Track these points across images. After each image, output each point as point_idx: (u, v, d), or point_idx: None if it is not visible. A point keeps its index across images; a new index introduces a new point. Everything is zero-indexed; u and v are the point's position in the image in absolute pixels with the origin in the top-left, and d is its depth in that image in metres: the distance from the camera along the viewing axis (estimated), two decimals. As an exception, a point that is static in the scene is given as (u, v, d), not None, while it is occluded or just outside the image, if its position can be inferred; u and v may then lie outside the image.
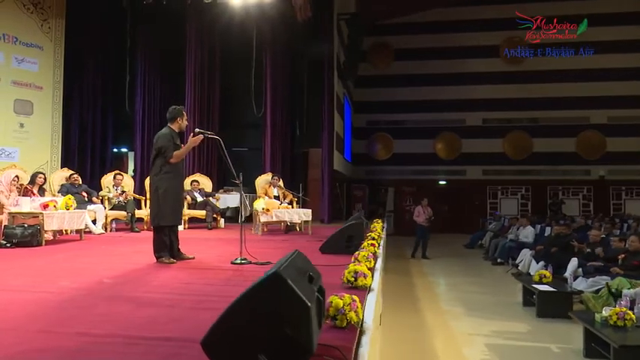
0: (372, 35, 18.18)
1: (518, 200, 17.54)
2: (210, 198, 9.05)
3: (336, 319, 2.33)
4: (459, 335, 5.17)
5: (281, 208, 7.76)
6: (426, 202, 11.58)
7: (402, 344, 4.90)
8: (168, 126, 4.59)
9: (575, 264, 6.87)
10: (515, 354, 4.60)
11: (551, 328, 5.40)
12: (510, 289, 7.28)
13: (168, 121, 4.61)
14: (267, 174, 9.03)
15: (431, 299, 6.90)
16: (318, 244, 5.59)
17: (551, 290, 5.84)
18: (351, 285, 3.35)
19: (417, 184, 17.57)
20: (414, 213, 11.53)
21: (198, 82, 10.38)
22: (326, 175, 11.12)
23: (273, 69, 10.65)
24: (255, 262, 4.55)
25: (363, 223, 5.63)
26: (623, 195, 16.93)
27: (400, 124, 18.12)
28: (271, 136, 10.57)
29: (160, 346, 2.16)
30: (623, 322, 4.06)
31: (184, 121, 4.62)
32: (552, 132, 17.12)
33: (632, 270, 5.75)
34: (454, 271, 9.63)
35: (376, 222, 8.89)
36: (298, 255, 2.18)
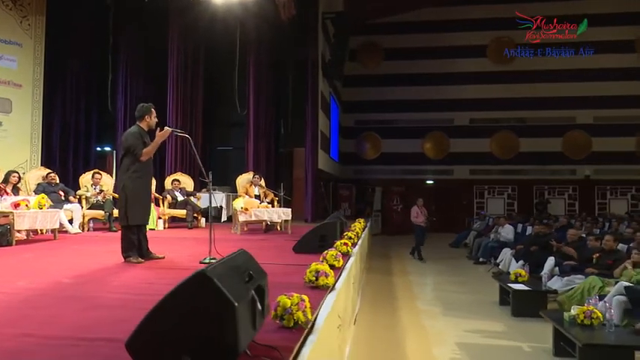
0: (361, 35, 18.19)
1: (504, 200, 17.62)
2: (191, 197, 8.99)
3: (283, 319, 2.31)
4: (432, 334, 5.16)
5: (260, 207, 7.71)
6: (422, 202, 11.30)
7: (373, 343, 4.88)
8: (137, 124, 4.54)
9: (552, 263, 6.90)
10: (486, 353, 4.60)
11: (525, 327, 5.41)
12: (489, 289, 7.28)
13: (137, 119, 4.57)
14: (248, 173, 9.00)
15: (409, 298, 6.89)
16: (294, 243, 5.55)
17: (526, 289, 5.85)
18: (312, 284, 3.33)
19: (405, 184, 17.59)
20: (412, 214, 11.12)
21: (181, 81, 10.33)
22: (310, 175, 11.09)
23: (257, 68, 10.62)
24: (225, 262, 4.51)
25: (338, 222, 5.59)
26: (607, 194, 17.07)
27: (389, 123, 18.13)
28: (254, 135, 10.53)
29: (101, 347, 2.13)
30: (589, 321, 4.07)
31: (153, 119, 4.56)
32: (539, 132, 17.23)
33: (606, 269, 5.77)
34: (436, 270, 9.64)
35: (358, 222, 8.89)
36: (241, 254, 2.15)
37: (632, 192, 16.96)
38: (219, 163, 12.18)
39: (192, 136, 10.90)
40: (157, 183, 9.21)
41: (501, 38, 17.60)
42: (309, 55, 11.30)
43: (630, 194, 16.98)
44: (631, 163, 16.71)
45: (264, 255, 5.37)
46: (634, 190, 16.95)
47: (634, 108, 16.61)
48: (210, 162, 11.81)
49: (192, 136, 10.77)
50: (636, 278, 5.20)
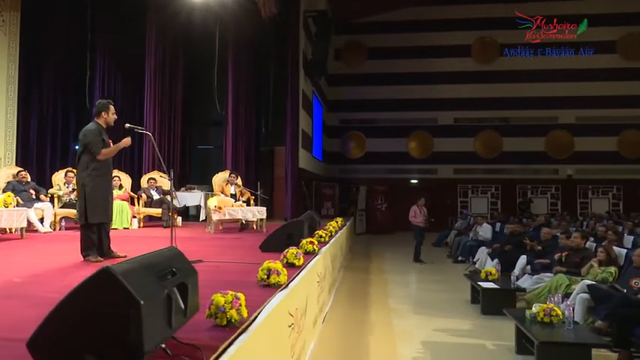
0: (345, 34, 18.19)
1: (488, 199, 17.71)
2: (168, 196, 8.90)
3: (216, 318, 2.27)
4: (398, 333, 5.14)
5: (235, 206, 7.66)
6: (423, 201, 10.67)
7: (339, 341, 4.85)
8: (95, 121, 4.47)
9: (524, 261, 6.95)
10: (449, 351, 4.59)
11: (492, 325, 5.41)
12: (464, 287, 7.27)
13: (94, 115, 4.50)
14: (224, 172, 8.93)
15: (382, 297, 6.87)
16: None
17: (495, 288, 5.86)
18: (264, 283, 3.30)
19: (389, 183, 17.61)
20: (410, 213, 10.45)
21: (159, 78, 10.21)
22: (290, 174, 11.04)
23: (236, 66, 10.54)
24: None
25: (304, 221, 5.55)
26: (589, 194, 17.22)
27: (373, 122, 18.15)
28: (233, 133, 10.46)
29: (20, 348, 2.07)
30: (549, 319, 4.08)
31: (111, 116, 4.49)
32: (522, 131, 17.33)
33: (574, 267, 5.80)
34: (415, 269, 9.65)
35: (335, 221, 8.87)
36: (167, 251, 2.11)
37: (614, 191, 17.13)
38: (199, 162, 12.11)
39: (170, 134, 10.89)
40: (132, 181, 9.14)
41: (485, 38, 17.69)
42: (289, 54, 11.24)
43: (611, 193, 17.14)
44: (612, 162, 16.88)
45: (230, 253, 5.34)
46: (615, 190, 17.12)
47: (615, 108, 16.77)
48: (190, 161, 11.74)
49: (171, 135, 10.79)
50: (601, 276, 5.24)
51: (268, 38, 11.48)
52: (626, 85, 16.69)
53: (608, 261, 5.35)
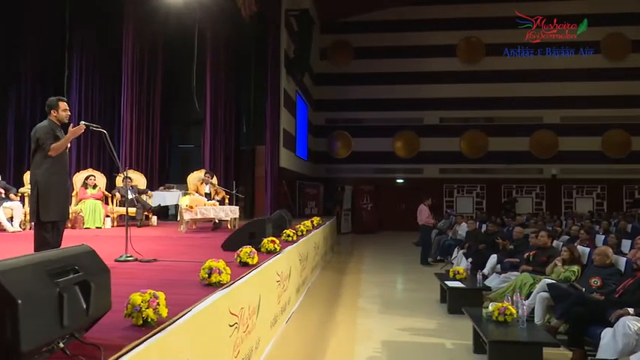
0: (331, 33, 18.20)
1: (473, 199, 17.74)
2: (143, 195, 8.85)
3: (133, 317, 2.23)
4: (360, 332, 5.12)
5: (207, 205, 7.61)
6: (430, 200, 10.33)
7: (298, 341, 4.81)
8: (48, 118, 4.41)
9: (494, 261, 6.95)
10: (407, 350, 4.57)
11: (457, 324, 5.39)
12: (436, 287, 7.26)
13: (47, 113, 4.43)
14: (199, 171, 8.87)
15: (353, 296, 6.85)
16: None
17: (461, 287, 5.85)
18: (206, 282, 3.26)
19: (375, 183, 17.61)
20: (423, 214, 10.11)
21: (136, 77, 10.13)
22: (269, 173, 11.01)
23: (215, 64, 10.49)
24: (140, 260, 4.42)
25: (266, 220, 5.51)
26: (574, 193, 17.29)
27: (359, 122, 18.15)
28: (212, 133, 10.41)
29: None
30: (503, 318, 4.06)
31: (61, 112, 4.41)
32: (507, 131, 17.38)
33: (540, 266, 5.80)
34: (393, 269, 9.64)
35: (311, 220, 8.83)
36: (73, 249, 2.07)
37: (598, 191, 17.20)
38: (180, 161, 12.04)
39: (149, 133, 10.80)
40: (107, 181, 9.07)
41: (470, 38, 17.72)
42: (269, 53, 11.20)
43: (595, 193, 17.22)
44: (596, 162, 16.96)
45: (192, 253, 5.30)
46: (599, 190, 17.20)
47: (599, 108, 16.85)
48: (170, 160, 11.67)
49: (150, 134, 10.70)
50: (564, 275, 5.24)
51: (249, 37, 11.44)
52: (610, 86, 16.77)
53: (571, 260, 5.34)
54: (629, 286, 4.15)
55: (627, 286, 4.17)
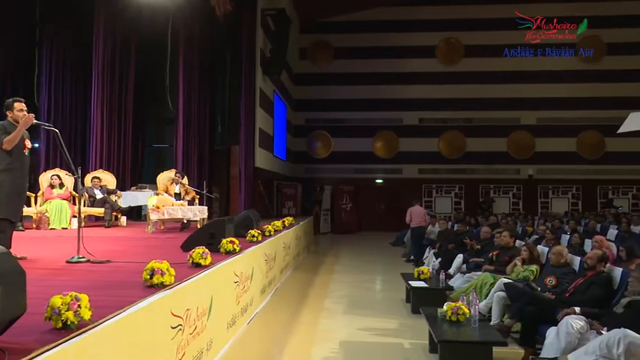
0: (311, 33, 18.18)
1: (452, 199, 17.88)
2: (112, 195, 8.72)
3: (52, 320, 2.18)
4: (321, 332, 5.11)
5: (175, 205, 7.53)
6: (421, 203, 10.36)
7: (256, 344, 4.78)
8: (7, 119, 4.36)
9: (460, 260, 7.00)
10: (363, 350, 4.57)
11: (418, 324, 5.38)
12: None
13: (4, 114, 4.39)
14: (170, 171, 8.78)
15: (320, 297, 6.84)
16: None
17: (424, 287, 5.88)
18: (148, 283, 3.21)
19: (355, 183, 17.65)
20: (419, 216, 10.30)
21: (108, 75, 9.97)
22: (244, 173, 10.95)
23: (188, 63, 10.39)
24: (93, 261, 4.35)
25: (226, 220, 5.47)
26: (550, 193, 17.53)
27: (339, 122, 18.17)
28: (184, 132, 10.31)
29: None
30: (456, 317, 4.09)
31: (17, 112, 4.35)
32: (485, 132, 17.54)
33: (503, 266, 5.85)
34: (365, 269, 9.64)
35: (283, 220, 8.81)
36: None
37: (573, 191, 17.47)
38: (153, 161, 11.90)
39: (121, 132, 10.65)
40: (75, 181, 8.91)
41: (449, 39, 17.86)
42: (243, 52, 11.13)
43: (571, 193, 17.49)
44: (571, 163, 17.22)
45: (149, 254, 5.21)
46: (574, 190, 17.46)
47: (575, 109, 17.10)
48: (143, 159, 11.52)
49: (122, 133, 10.56)
50: (523, 275, 5.29)
51: (223, 36, 11.35)
52: (585, 88, 17.04)
53: (531, 259, 5.40)
54: (580, 285, 4.21)
55: (578, 285, 4.22)
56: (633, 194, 17.16)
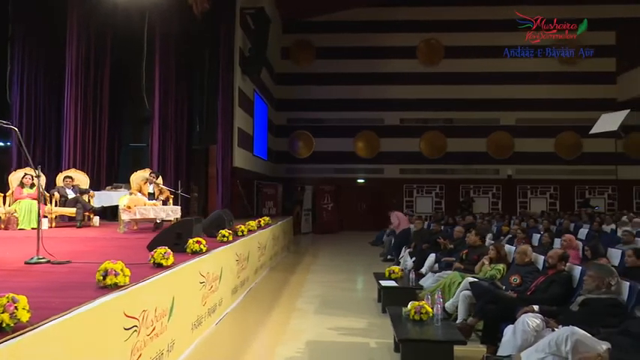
0: (293, 32, 18.16)
1: (432, 198, 18.01)
2: (85, 195, 8.59)
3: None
4: (289, 332, 5.09)
5: (148, 205, 7.45)
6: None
7: (222, 344, 4.75)
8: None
9: (433, 260, 7.04)
10: (329, 350, 4.56)
11: (387, 323, 5.36)
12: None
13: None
14: (144, 170, 8.67)
15: (293, 296, 6.82)
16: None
17: (394, 286, 5.90)
18: (101, 284, 3.17)
19: (336, 183, 17.66)
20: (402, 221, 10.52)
21: (82, 73, 9.82)
22: (221, 172, 10.88)
23: (164, 61, 10.27)
24: (53, 262, 4.27)
25: (192, 220, 5.41)
26: (528, 193, 17.76)
27: (321, 122, 18.17)
28: (161, 131, 10.19)
29: None
30: (419, 316, 4.11)
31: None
32: (465, 132, 17.70)
33: (472, 264, 5.90)
34: (343, 268, 9.64)
35: (259, 220, 8.78)
36: None
37: (551, 191, 17.73)
38: (130, 160, 11.74)
39: (96, 131, 10.49)
40: (47, 180, 8.76)
41: (430, 40, 17.98)
42: (221, 51, 11.06)
43: (549, 193, 17.74)
44: (550, 163, 17.47)
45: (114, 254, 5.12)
46: (552, 190, 17.72)
47: (553, 111, 17.35)
48: (119, 159, 11.37)
49: (97, 132, 10.40)
50: (490, 273, 5.34)
51: (201, 34, 11.26)
52: (563, 89, 17.30)
53: (498, 258, 5.46)
54: (541, 283, 4.26)
55: (539, 283, 4.28)
56: (609, 194, 17.49)
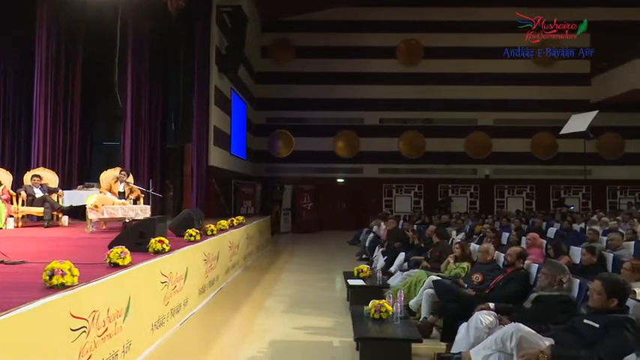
0: (273, 31, 18.10)
1: (411, 198, 18.12)
2: (53, 194, 8.42)
3: None
4: (254, 332, 5.06)
5: (116, 204, 7.34)
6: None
7: (185, 345, 4.70)
8: None
9: (402, 258, 7.08)
10: (292, 349, 4.55)
11: (354, 322, 5.42)
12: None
13: None
14: (114, 169, 8.54)
15: (262, 296, 6.79)
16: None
17: (361, 285, 5.91)
18: (48, 284, 3.10)
19: (316, 182, 17.65)
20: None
21: (52, 68, 9.60)
22: (196, 171, 10.78)
23: (137, 58, 10.14)
24: (6, 262, 4.18)
25: (156, 220, 5.35)
26: (505, 193, 18.00)
27: (300, 121, 18.14)
28: (133, 129, 10.06)
29: None
30: (379, 315, 4.12)
31: None
32: (444, 132, 17.85)
33: (436, 262, 5.95)
34: (317, 267, 9.64)
35: (232, 219, 8.73)
36: None
37: (527, 191, 17.99)
38: (103, 159, 11.56)
39: (67, 129, 10.30)
40: (14, 178, 8.57)
41: (409, 40, 18.09)
42: (197, 49, 10.96)
43: (525, 193, 18.01)
44: (526, 163, 17.73)
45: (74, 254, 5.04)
46: (529, 189, 17.99)
47: (529, 111, 17.60)
48: (92, 157, 11.20)
49: (68, 130, 10.22)
50: (455, 272, 5.39)
51: (176, 32, 11.15)
52: (539, 90, 17.56)
53: (462, 257, 5.51)
54: (499, 281, 4.31)
55: (498, 281, 4.32)
56: (583, 194, 17.82)
